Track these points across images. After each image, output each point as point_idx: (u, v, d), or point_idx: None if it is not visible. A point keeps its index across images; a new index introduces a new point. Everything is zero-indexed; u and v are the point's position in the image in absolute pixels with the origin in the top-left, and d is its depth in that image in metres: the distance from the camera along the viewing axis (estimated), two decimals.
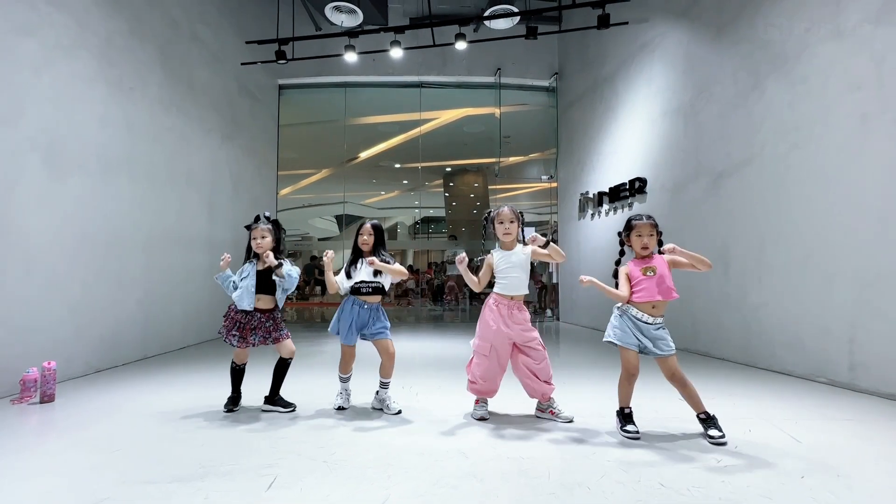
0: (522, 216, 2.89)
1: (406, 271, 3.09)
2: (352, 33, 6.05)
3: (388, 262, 2.99)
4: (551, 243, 2.77)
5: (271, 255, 2.91)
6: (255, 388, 3.20)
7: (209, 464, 2.13)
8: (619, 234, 2.72)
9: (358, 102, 10.16)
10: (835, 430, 2.64)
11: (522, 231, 2.89)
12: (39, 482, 1.96)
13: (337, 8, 6.44)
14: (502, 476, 2.01)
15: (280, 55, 6.20)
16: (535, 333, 2.82)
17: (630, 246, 2.66)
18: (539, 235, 2.80)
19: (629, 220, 2.67)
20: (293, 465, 2.11)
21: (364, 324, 2.99)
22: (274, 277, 2.97)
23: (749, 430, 2.62)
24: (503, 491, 1.86)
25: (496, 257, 2.87)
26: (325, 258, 2.98)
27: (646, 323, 2.54)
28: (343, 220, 13.04)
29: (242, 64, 7.00)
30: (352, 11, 6.46)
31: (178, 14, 5.63)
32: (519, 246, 2.86)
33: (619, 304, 2.63)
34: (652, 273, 2.55)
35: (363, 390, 3.31)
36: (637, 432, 2.50)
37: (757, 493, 1.84)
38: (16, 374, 3.34)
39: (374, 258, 2.93)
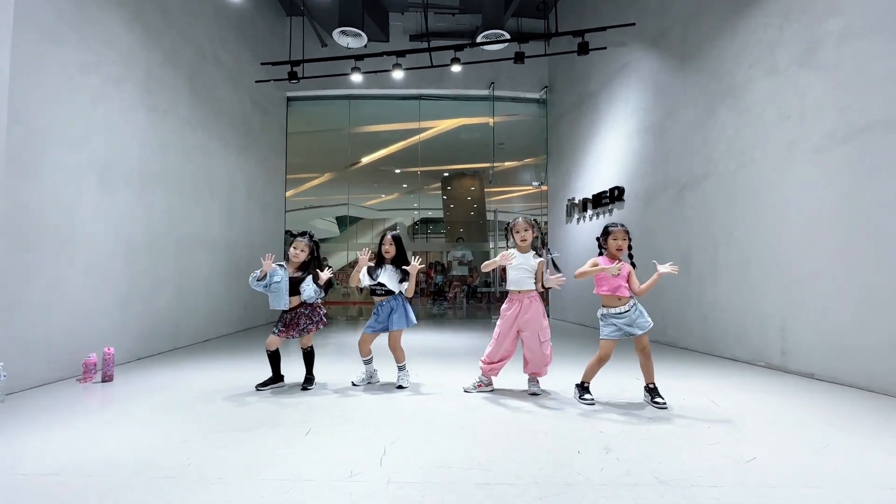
0: (537, 223, 3.49)
1: (412, 293, 3.69)
2: (357, 56, 6.69)
3: (408, 280, 3.62)
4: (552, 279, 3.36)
5: (325, 276, 3.57)
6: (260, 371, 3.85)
7: (258, 420, 2.78)
8: (598, 238, 3.34)
9: (361, 112, 10.82)
10: (750, 399, 3.30)
11: (543, 244, 3.47)
12: (132, 432, 2.61)
13: (343, 32, 7.10)
14: (484, 426, 2.67)
15: (292, 75, 6.84)
16: (539, 326, 3.35)
17: (606, 248, 3.27)
18: (560, 280, 3.35)
19: (606, 227, 3.28)
20: (323, 421, 2.76)
21: (386, 317, 3.65)
22: (315, 286, 3.58)
23: (683, 398, 3.28)
24: (484, 434, 2.53)
25: (515, 253, 3.43)
26: (360, 255, 3.57)
27: (621, 313, 3.16)
28: (347, 221, 13.72)
29: (257, 82, 7.65)
30: (357, 35, 7.13)
31: (204, 43, 6.27)
32: (532, 252, 3.46)
33: (600, 311, 3.23)
34: (616, 272, 3.18)
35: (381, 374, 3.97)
36: (593, 399, 3.17)
37: (672, 435, 2.50)
38: (77, 359, 4.00)
39: (415, 264, 3.53)
